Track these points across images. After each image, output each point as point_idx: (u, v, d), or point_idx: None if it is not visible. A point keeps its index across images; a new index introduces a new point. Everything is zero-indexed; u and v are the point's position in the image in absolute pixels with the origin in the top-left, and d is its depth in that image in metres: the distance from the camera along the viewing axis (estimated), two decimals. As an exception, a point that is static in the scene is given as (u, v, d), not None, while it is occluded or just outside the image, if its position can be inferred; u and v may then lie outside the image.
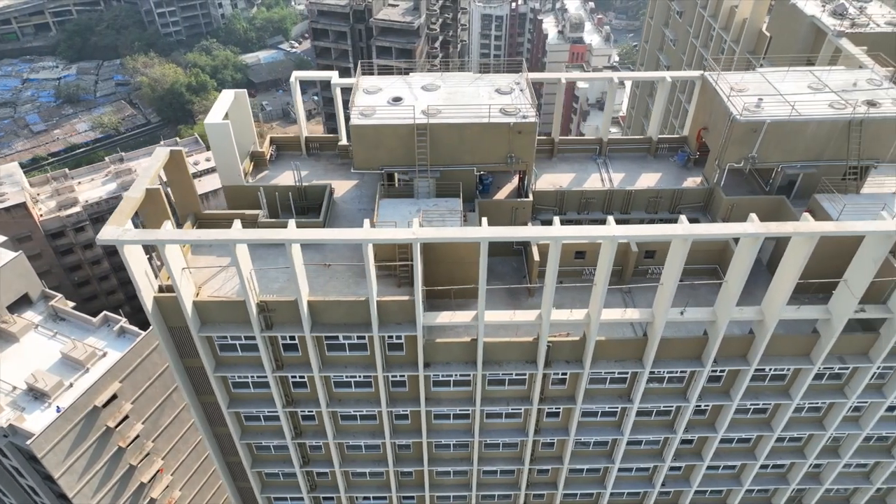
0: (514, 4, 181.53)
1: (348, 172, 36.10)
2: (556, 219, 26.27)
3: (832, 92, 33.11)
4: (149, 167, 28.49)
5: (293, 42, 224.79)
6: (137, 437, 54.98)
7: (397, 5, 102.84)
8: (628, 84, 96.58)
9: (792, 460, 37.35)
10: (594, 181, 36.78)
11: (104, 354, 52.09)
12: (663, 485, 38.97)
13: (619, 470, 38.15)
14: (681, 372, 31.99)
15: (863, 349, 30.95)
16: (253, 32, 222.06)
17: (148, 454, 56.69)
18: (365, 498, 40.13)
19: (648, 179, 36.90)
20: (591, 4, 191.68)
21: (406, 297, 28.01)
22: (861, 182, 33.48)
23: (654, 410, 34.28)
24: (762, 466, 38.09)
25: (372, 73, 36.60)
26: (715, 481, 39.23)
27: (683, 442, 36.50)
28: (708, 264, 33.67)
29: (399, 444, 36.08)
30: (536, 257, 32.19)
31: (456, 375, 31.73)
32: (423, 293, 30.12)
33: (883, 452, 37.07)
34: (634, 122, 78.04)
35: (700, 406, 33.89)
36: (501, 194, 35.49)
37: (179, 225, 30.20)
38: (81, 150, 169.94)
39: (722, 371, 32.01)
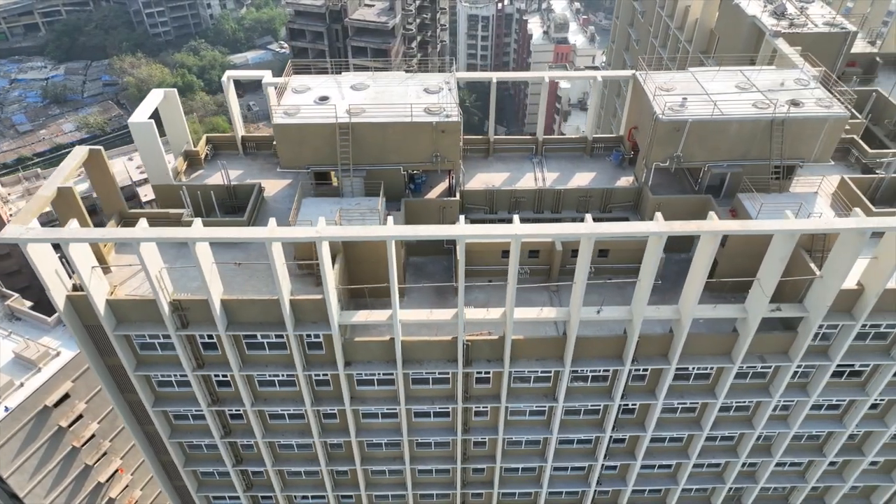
0: (499, 5, 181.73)
1: (284, 172, 36.12)
2: (462, 217, 26.31)
3: (758, 91, 33.20)
4: (63, 166, 28.52)
5: (282, 42, 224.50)
6: (93, 436, 54.98)
7: (373, 5, 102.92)
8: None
9: (726, 459, 37.41)
10: (528, 181, 36.85)
11: (57, 354, 52.13)
12: (599, 483, 39.01)
13: (554, 469, 38.26)
14: (604, 371, 32.04)
15: (782, 348, 31.02)
16: (241, 33, 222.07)
17: (105, 454, 56.67)
18: (304, 497, 40.18)
19: (582, 179, 36.98)
20: (578, 5, 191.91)
21: (319, 296, 28.04)
22: (788, 181, 33.58)
23: (582, 409, 34.33)
24: (697, 465, 38.13)
25: (307, 72, 36.60)
26: (651, 480, 39.29)
27: (616, 441, 36.56)
28: (637, 263, 33.74)
29: (331, 444, 36.14)
30: (459, 256, 32.23)
31: (379, 374, 31.77)
32: (347, 292, 30.42)
33: (815, 451, 37.11)
34: (603, 121, 78.15)
35: (627, 405, 33.97)
36: (433, 194, 35.55)
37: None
38: (67, 150, 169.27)
39: (645, 370, 32.07)
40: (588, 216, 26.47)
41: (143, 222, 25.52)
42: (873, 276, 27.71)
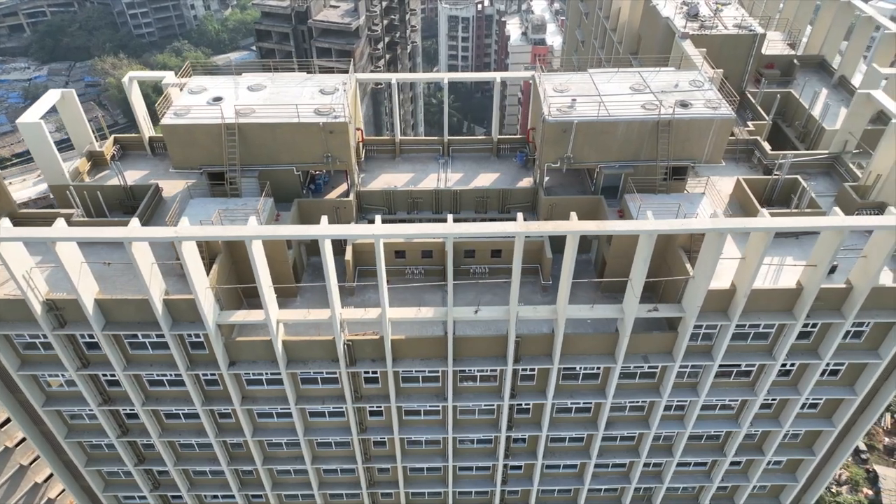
0: (479, 6, 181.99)
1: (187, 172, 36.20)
2: (324, 218, 26.41)
3: (651, 93, 33.36)
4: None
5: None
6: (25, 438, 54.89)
7: (338, 7, 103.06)
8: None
9: (628, 459, 37.53)
10: (431, 181, 36.98)
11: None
12: (506, 483, 39.16)
13: (460, 469, 38.40)
14: (490, 370, 32.18)
15: (665, 348, 31.15)
16: (225, 34, 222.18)
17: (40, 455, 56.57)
18: (213, 497, 40.27)
19: (485, 179, 37.12)
20: (557, 6, 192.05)
21: (191, 296, 28.14)
22: (682, 182, 33.71)
23: (476, 409, 34.47)
24: (601, 465, 38.29)
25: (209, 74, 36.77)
26: (558, 480, 39.42)
27: (516, 441, 36.73)
28: (530, 263, 33.94)
29: (232, 443, 36.24)
30: (348, 256, 32.45)
31: (267, 374, 31.89)
32: (236, 292, 30.55)
33: (716, 451, 37.24)
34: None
35: (521, 405, 34.10)
36: (334, 194, 35.69)
37: None
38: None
39: (532, 370, 32.20)
40: (450, 217, 26.59)
41: (5, 221, 25.63)
42: (742, 277, 27.87)
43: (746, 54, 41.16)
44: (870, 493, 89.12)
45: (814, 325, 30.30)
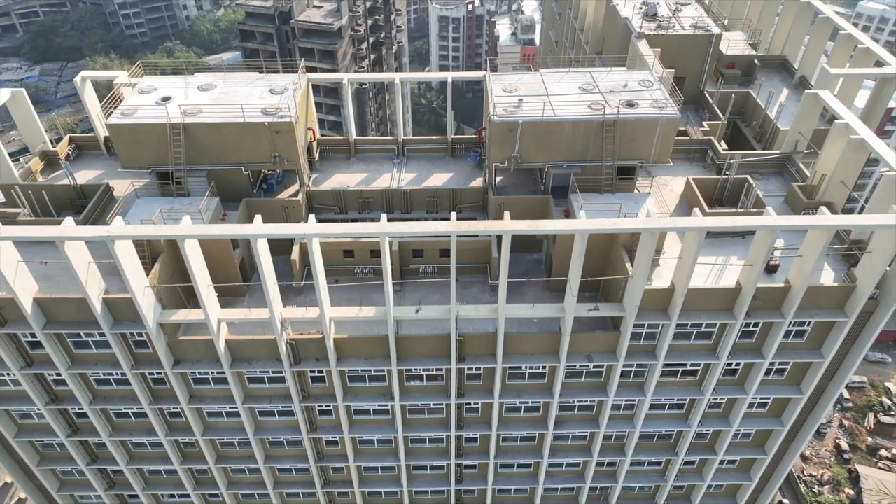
0: (469, 7, 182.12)
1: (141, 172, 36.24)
2: (258, 217, 26.43)
3: (599, 93, 33.42)
4: None
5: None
6: (-4, 436, 54.94)
7: (322, 7, 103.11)
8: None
9: (581, 458, 37.58)
10: (384, 181, 37.04)
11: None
12: (460, 482, 39.22)
13: (414, 468, 38.47)
14: (436, 370, 32.23)
15: (609, 347, 31.20)
16: (218, 34, 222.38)
17: (11, 453, 56.61)
18: (170, 496, 40.32)
19: (438, 179, 37.18)
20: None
21: (128, 295, 28.17)
22: (631, 182, 33.74)
23: (426, 408, 34.52)
24: (556, 464, 38.34)
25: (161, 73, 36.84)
26: (513, 480, 39.45)
27: (468, 440, 36.79)
28: (478, 263, 34.02)
29: (183, 442, 36.28)
30: (294, 256, 32.49)
31: (213, 373, 31.94)
32: (179, 290, 30.57)
33: (668, 450, 37.28)
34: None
35: (470, 404, 34.17)
36: (285, 194, 35.74)
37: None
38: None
39: (478, 369, 32.26)
40: (383, 216, 26.66)
41: (-62, 221, 25.70)
42: (679, 276, 27.93)
43: (703, 54, 41.21)
44: (851, 492, 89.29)
45: (756, 325, 30.36)
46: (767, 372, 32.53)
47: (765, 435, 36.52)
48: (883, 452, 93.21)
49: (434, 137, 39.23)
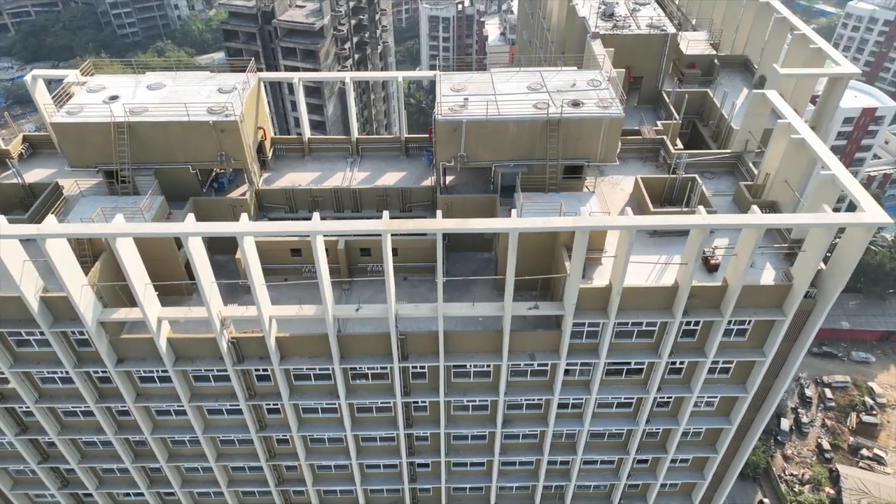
0: (459, 7, 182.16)
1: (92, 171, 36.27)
2: (191, 216, 26.48)
3: (546, 92, 33.46)
4: None
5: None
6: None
7: (304, 6, 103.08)
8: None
9: (533, 457, 37.64)
10: (336, 180, 37.08)
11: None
12: (414, 481, 39.28)
13: (367, 467, 38.52)
14: (381, 368, 32.28)
15: (551, 346, 31.27)
16: (209, 34, 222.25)
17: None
18: (126, 495, 40.36)
19: (391, 178, 37.21)
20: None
21: (64, 293, 28.18)
22: (579, 181, 33.77)
23: (374, 407, 34.57)
24: (509, 463, 38.41)
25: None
26: (466, 478, 39.53)
27: (419, 438, 36.85)
28: (427, 262, 34.05)
29: (134, 441, 36.33)
30: (239, 255, 32.46)
31: (157, 371, 31.97)
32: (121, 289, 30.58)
33: (619, 449, 37.35)
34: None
35: (417, 402, 34.23)
36: (237, 193, 35.77)
37: None
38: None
39: (422, 367, 32.31)
40: (315, 215, 26.67)
41: None
42: (615, 274, 28.00)
43: (660, 53, 41.28)
44: (831, 492, 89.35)
45: (696, 324, 30.44)
46: (712, 371, 32.62)
47: (715, 433, 36.59)
48: (864, 452, 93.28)
49: (388, 137, 39.34)
